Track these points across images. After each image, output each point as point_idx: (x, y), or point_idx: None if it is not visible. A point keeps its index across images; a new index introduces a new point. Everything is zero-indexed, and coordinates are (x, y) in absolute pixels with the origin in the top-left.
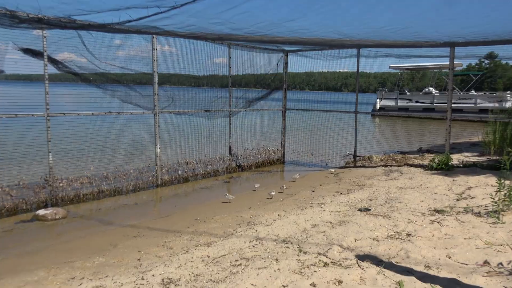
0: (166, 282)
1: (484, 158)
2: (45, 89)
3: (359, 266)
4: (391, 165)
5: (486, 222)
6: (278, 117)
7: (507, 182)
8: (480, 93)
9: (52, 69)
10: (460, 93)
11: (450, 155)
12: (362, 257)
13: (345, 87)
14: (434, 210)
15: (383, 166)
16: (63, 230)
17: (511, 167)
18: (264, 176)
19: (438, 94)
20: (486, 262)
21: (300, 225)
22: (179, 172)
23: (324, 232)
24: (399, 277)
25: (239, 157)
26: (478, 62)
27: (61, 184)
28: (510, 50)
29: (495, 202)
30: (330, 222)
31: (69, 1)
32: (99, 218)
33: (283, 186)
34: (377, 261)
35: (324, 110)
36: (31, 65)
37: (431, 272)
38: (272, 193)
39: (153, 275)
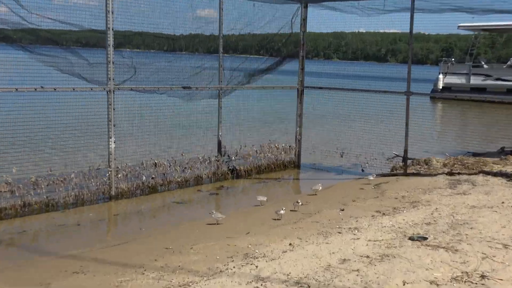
0: None
1: None
2: None
3: None
4: (458, 173)
5: None
6: (291, 99)
7: None
8: None
9: None
10: None
11: None
12: None
13: (393, 55)
14: None
15: (446, 174)
16: None
17: None
18: (269, 186)
19: None
20: None
21: (322, 259)
22: (144, 178)
23: (357, 271)
24: None
25: (233, 158)
26: None
27: None
28: None
29: None
30: (367, 257)
31: None
32: (24, 244)
33: (297, 202)
34: None
35: (360, 89)
36: None
37: None
38: (281, 211)
39: None
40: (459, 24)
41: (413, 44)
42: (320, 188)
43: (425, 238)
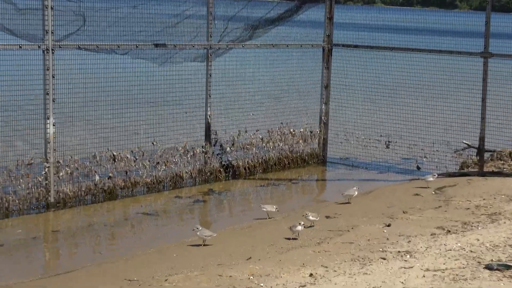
0: None
1: None
2: None
3: None
4: None
5: None
6: (314, 63)
7: None
8: None
9: None
10: None
11: None
12: None
13: None
14: None
15: None
16: None
17: None
18: (281, 190)
19: None
20: None
21: None
22: (97, 178)
23: None
24: None
25: (228, 149)
26: None
27: None
28: None
29: None
30: None
31: None
32: None
33: (306, 214)
34: None
35: (415, 49)
36: None
37: None
38: (298, 227)
39: None
40: None
41: None
42: (356, 193)
43: (510, 267)
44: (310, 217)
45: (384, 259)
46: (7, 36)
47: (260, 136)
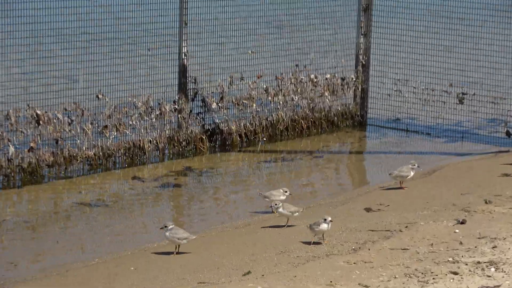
0: None
1: None
2: None
3: None
4: None
5: None
6: None
7: None
8: None
9: None
10: None
11: None
12: None
13: None
14: None
15: None
16: None
17: None
18: (297, 168)
19: None
20: None
21: None
22: (11, 150)
23: None
24: None
25: (214, 106)
26: None
27: None
28: None
29: None
30: None
31: None
32: None
33: (283, 209)
34: None
35: None
36: None
37: None
38: (323, 225)
39: None
40: None
41: None
42: (412, 173)
43: None
44: (281, 210)
45: (456, 274)
46: None
47: (264, 86)
